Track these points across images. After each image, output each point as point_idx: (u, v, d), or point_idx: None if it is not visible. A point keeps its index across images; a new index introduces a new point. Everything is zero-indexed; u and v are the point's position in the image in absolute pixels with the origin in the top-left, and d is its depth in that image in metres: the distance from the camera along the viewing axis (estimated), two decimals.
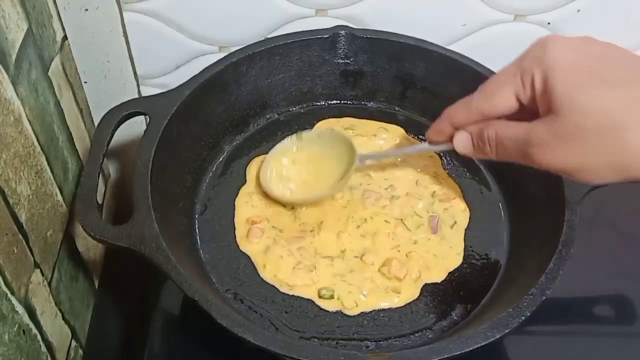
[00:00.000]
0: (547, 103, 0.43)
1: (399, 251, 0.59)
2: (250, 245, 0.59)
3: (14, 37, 0.51)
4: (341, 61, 0.69)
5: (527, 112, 0.46)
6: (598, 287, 0.63)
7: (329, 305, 0.55)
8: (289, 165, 0.64)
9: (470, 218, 0.62)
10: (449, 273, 0.58)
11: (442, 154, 0.67)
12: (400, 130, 0.69)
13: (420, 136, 0.69)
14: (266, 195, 0.62)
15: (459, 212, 0.62)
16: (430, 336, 0.54)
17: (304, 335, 0.54)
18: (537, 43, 0.46)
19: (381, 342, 0.54)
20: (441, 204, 0.63)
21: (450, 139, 0.52)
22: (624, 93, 0.40)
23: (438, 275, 0.58)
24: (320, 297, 0.55)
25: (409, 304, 0.56)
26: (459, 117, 0.51)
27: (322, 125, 0.70)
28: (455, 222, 0.61)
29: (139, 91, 0.75)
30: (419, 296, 0.56)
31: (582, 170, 0.42)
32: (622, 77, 0.41)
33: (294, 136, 0.65)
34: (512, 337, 0.47)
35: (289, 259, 0.58)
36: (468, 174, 0.66)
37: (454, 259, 0.59)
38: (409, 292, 0.56)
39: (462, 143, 0.51)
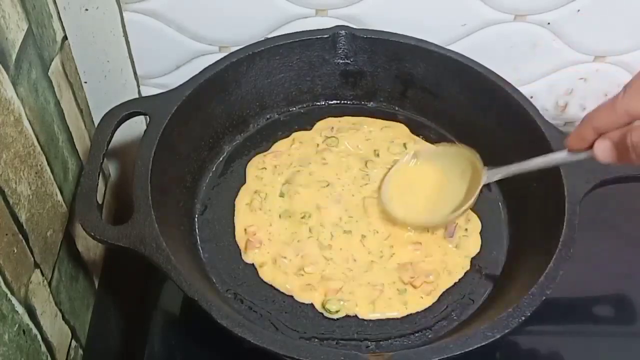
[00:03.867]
0: None
1: (411, 263, 0.58)
2: (253, 256, 0.59)
3: (14, 37, 0.51)
4: (341, 61, 0.69)
5: None
6: (598, 287, 0.63)
7: (333, 315, 0.55)
8: (408, 183, 0.61)
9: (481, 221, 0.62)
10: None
11: None
12: (404, 128, 0.69)
13: (420, 136, 0.69)
14: (265, 197, 0.62)
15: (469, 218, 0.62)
16: (430, 336, 0.54)
17: (304, 335, 0.54)
18: None
19: (381, 342, 0.54)
20: None
21: (591, 146, 0.48)
22: None
23: (449, 282, 0.58)
24: (324, 308, 0.55)
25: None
26: (603, 121, 0.47)
27: (322, 124, 0.69)
28: (467, 229, 0.61)
29: (139, 91, 0.75)
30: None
31: None
32: None
33: (411, 153, 0.62)
34: (512, 337, 0.47)
35: (291, 265, 0.57)
36: None
37: (465, 265, 0.59)
38: (421, 303, 0.56)
39: (604, 151, 0.47)
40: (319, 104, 0.72)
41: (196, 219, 0.61)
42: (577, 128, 0.49)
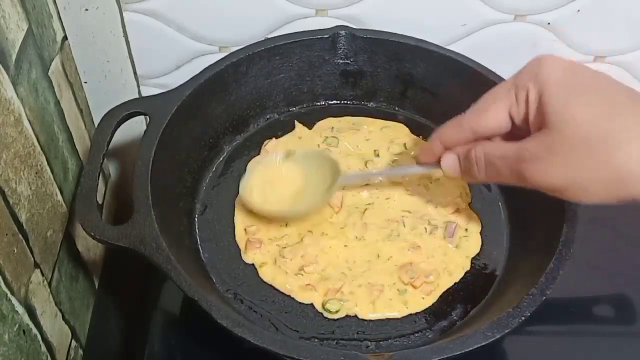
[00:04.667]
0: (540, 119, 0.43)
1: (411, 263, 0.58)
2: (253, 256, 0.59)
3: (14, 37, 0.51)
4: (341, 61, 0.69)
5: (517, 134, 0.46)
6: (598, 287, 0.63)
7: (333, 315, 0.55)
8: (272, 180, 0.62)
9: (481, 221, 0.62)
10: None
11: None
12: (404, 128, 0.69)
13: (420, 136, 0.69)
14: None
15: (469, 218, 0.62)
16: (430, 336, 0.54)
17: (304, 335, 0.54)
18: (532, 61, 0.46)
19: (381, 342, 0.54)
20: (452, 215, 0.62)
21: (439, 161, 0.51)
22: (611, 103, 0.41)
23: (449, 282, 0.58)
24: (324, 309, 0.55)
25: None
26: (449, 136, 0.50)
27: (322, 124, 0.70)
28: (467, 229, 0.61)
29: (139, 91, 0.75)
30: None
31: (576, 187, 0.42)
32: (611, 92, 0.42)
33: (280, 154, 0.62)
34: (512, 337, 0.47)
35: (291, 265, 0.57)
36: None
37: (465, 265, 0.59)
38: (421, 303, 0.56)
39: (449, 165, 0.50)
40: (319, 104, 0.72)
41: (196, 219, 0.61)
42: (427, 142, 0.52)
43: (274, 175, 0.62)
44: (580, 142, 0.41)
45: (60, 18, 0.65)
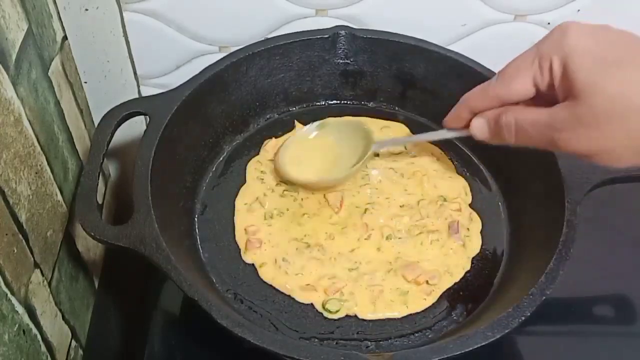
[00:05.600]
0: (566, 88, 0.43)
1: (416, 260, 0.58)
2: (253, 256, 0.59)
3: (14, 37, 0.51)
4: (341, 61, 0.69)
5: (543, 98, 0.46)
6: (598, 287, 0.63)
7: (333, 315, 0.55)
8: (306, 151, 0.64)
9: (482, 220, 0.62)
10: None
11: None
12: (404, 128, 0.69)
13: None
14: (265, 196, 0.62)
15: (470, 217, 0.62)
16: (430, 336, 0.54)
17: (304, 335, 0.54)
18: (555, 29, 0.46)
19: (381, 342, 0.54)
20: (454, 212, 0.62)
21: (468, 125, 0.52)
22: None
23: (450, 282, 0.58)
24: (324, 309, 0.55)
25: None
26: (476, 103, 0.51)
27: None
28: (469, 229, 0.61)
29: (139, 91, 0.75)
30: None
31: (607, 154, 0.43)
32: None
33: (314, 124, 0.66)
34: (512, 337, 0.47)
35: (291, 265, 0.57)
36: (468, 174, 0.66)
37: (466, 265, 0.59)
38: (422, 303, 0.56)
39: (479, 128, 0.51)
40: (319, 104, 0.72)
41: (196, 219, 0.61)
42: (455, 108, 0.53)
43: (308, 145, 0.64)
44: (613, 114, 0.41)
45: (60, 18, 0.65)
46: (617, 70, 0.41)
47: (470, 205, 0.63)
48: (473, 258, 0.59)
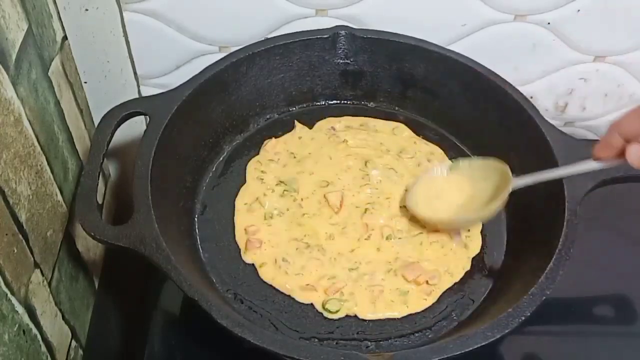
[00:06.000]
0: None
1: (415, 260, 0.58)
2: (253, 256, 0.59)
3: (14, 37, 0.51)
4: (341, 61, 0.69)
5: None
6: (598, 287, 0.63)
7: (333, 315, 0.55)
8: (437, 191, 0.61)
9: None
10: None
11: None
12: (408, 130, 0.69)
13: (420, 136, 0.69)
14: (265, 196, 0.62)
15: None
16: (430, 336, 0.54)
17: (304, 335, 0.54)
18: None
19: (381, 342, 0.54)
20: None
21: (621, 154, 0.47)
22: None
23: (450, 282, 0.58)
24: (324, 309, 0.55)
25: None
26: (630, 127, 0.47)
27: (323, 124, 0.70)
28: (469, 229, 0.61)
29: (139, 91, 0.75)
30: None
31: None
32: None
33: (445, 165, 0.63)
34: (512, 337, 0.47)
35: (291, 265, 0.57)
36: None
37: (466, 265, 0.59)
38: (422, 303, 0.56)
39: (637, 156, 0.46)
40: (319, 104, 0.72)
41: (196, 219, 0.61)
42: (604, 136, 0.49)
43: (439, 185, 0.62)
44: None
45: (60, 18, 0.65)
46: None
47: None
48: (473, 258, 0.60)
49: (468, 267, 0.59)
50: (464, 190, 0.61)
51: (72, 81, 0.68)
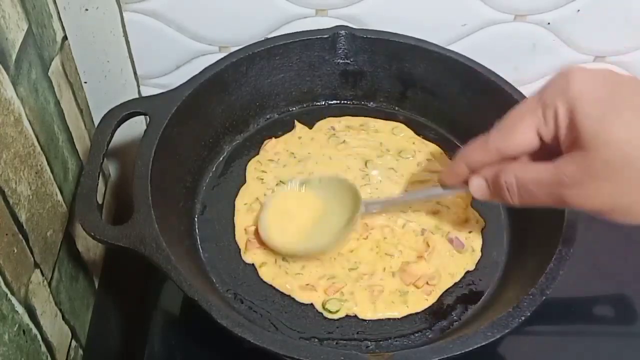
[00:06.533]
0: (572, 138, 0.40)
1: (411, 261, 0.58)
2: (253, 256, 0.59)
3: (14, 37, 0.51)
4: (341, 61, 0.69)
5: (544, 151, 0.44)
6: (598, 287, 0.63)
7: (333, 316, 0.55)
8: (289, 213, 0.60)
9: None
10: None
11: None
12: (408, 130, 0.69)
13: (420, 136, 0.69)
14: (265, 195, 0.63)
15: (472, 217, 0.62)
16: (430, 336, 0.54)
17: (304, 335, 0.54)
18: (558, 75, 0.43)
19: (381, 342, 0.54)
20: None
21: (466, 183, 0.49)
22: None
23: (450, 282, 0.58)
24: (324, 308, 0.55)
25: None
26: (475, 158, 0.48)
27: (322, 124, 0.70)
28: (470, 231, 0.61)
29: (139, 91, 0.75)
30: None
31: (623, 210, 0.40)
32: None
33: (295, 182, 0.61)
34: (512, 337, 0.47)
35: (291, 265, 0.57)
36: None
37: (467, 264, 0.59)
38: (422, 303, 0.56)
39: (477, 189, 0.48)
40: (319, 104, 0.72)
41: (196, 219, 0.61)
42: (450, 164, 0.51)
43: (290, 205, 0.60)
44: (623, 165, 0.38)
45: (60, 18, 0.65)
46: (624, 117, 0.38)
47: (471, 205, 0.63)
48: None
49: (468, 267, 0.59)
50: (315, 209, 0.59)
51: (72, 81, 0.68)
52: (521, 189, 0.45)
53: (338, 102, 0.73)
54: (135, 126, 0.70)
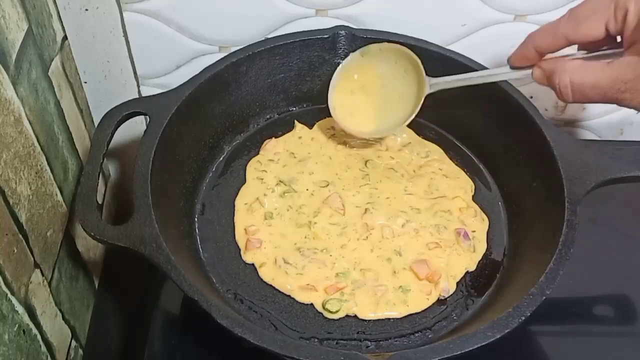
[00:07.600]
0: (635, 39, 0.43)
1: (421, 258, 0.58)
2: (253, 256, 0.59)
3: (14, 37, 0.51)
4: (341, 61, 0.69)
5: (604, 40, 0.47)
6: (598, 287, 0.63)
7: (333, 316, 0.55)
8: (354, 93, 0.64)
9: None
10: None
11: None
12: (408, 130, 0.69)
13: (420, 136, 0.69)
14: (265, 196, 0.63)
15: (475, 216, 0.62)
16: (430, 336, 0.54)
17: (304, 335, 0.54)
18: None
19: (381, 342, 0.54)
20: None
21: (533, 65, 0.52)
22: None
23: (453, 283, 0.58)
24: (324, 308, 0.55)
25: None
26: (542, 41, 0.51)
27: (322, 124, 0.70)
28: (475, 231, 0.61)
29: (139, 91, 0.75)
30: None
31: None
32: None
33: (356, 53, 0.64)
34: (512, 337, 0.47)
35: (291, 266, 0.57)
36: (468, 174, 0.66)
37: (468, 264, 0.59)
38: (422, 303, 0.56)
39: (539, 79, 0.52)
40: (319, 104, 0.72)
41: (196, 219, 0.61)
42: (520, 47, 0.53)
43: (354, 84, 0.64)
44: None
45: (60, 18, 0.65)
46: None
47: (474, 198, 0.63)
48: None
49: (469, 268, 0.59)
50: (379, 85, 0.63)
51: (72, 81, 0.68)
52: (575, 91, 0.47)
53: None
54: (135, 126, 0.70)
